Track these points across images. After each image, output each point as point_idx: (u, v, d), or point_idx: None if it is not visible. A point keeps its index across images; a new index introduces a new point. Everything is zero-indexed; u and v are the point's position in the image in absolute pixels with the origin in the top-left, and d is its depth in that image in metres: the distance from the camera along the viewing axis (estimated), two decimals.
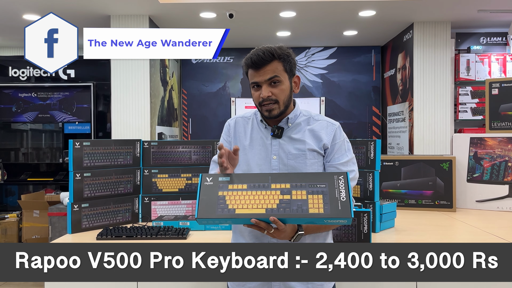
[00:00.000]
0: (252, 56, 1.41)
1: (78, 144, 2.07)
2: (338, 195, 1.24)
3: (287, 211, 1.23)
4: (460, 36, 4.86)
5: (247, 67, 1.45)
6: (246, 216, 1.23)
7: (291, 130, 1.49)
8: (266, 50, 1.40)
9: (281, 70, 1.42)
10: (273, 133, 1.47)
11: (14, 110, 5.10)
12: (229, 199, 1.26)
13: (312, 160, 1.45)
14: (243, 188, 1.28)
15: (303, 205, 1.23)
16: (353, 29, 5.13)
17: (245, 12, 4.36)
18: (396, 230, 2.07)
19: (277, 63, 1.42)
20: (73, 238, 1.96)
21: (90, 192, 2.09)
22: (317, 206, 1.23)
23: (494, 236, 1.95)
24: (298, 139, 1.47)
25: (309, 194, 1.25)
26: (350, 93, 5.98)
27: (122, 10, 4.34)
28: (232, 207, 1.24)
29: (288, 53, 1.45)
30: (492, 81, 2.78)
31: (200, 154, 2.33)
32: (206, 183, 1.30)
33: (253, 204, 1.24)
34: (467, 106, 4.73)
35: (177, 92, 5.90)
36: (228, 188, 1.28)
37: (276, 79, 1.42)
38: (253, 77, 1.44)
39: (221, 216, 1.23)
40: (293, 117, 1.50)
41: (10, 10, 4.28)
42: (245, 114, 1.59)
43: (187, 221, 2.08)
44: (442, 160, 2.60)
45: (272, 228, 1.25)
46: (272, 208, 1.23)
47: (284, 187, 1.27)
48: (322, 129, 1.49)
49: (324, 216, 1.22)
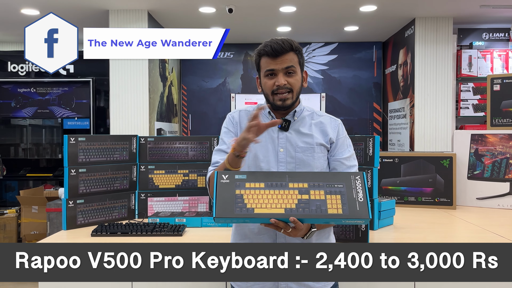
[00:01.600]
0: (272, 44, 1.42)
1: (73, 139, 2.04)
2: (355, 196, 1.26)
3: (306, 211, 1.23)
4: (462, 31, 4.81)
5: (262, 55, 1.46)
6: (265, 216, 1.23)
7: (298, 123, 1.51)
8: (285, 40, 1.43)
9: (296, 62, 1.46)
10: (280, 125, 1.48)
11: (13, 105, 5.08)
12: (247, 197, 1.25)
13: (320, 154, 1.48)
14: (261, 186, 1.27)
15: (322, 205, 1.24)
16: (354, 24, 5.08)
17: (245, 7, 4.32)
18: (395, 228, 2.04)
19: (293, 55, 1.45)
20: (68, 234, 1.94)
21: (85, 188, 2.07)
22: (336, 207, 1.24)
23: (494, 234, 1.92)
24: (306, 133, 1.49)
25: (327, 194, 1.26)
26: (351, 89, 5.94)
27: (120, 5, 4.31)
28: (251, 206, 1.24)
29: (301, 48, 1.50)
30: (494, 77, 2.74)
31: (198, 150, 2.30)
32: (222, 181, 1.28)
33: (272, 204, 1.24)
34: (469, 103, 4.69)
35: (177, 88, 5.87)
36: (245, 186, 1.27)
37: (292, 69, 1.44)
38: (268, 64, 1.44)
39: (239, 215, 1.22)
40: (299, 111, 1.52)
41: (8, 5, 4.25)
42: (247, 108, 1.58)
43: (183, 217, 2.06)
44: (443, 157, 2.57)
45: (289, 227, 1.26)
46: (291, 208, 1.24)
47: (302, 187, 1.27)
48: (327, 124, 1.53)
49: (343, 216, 1.23)
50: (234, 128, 1.54)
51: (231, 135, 1.53)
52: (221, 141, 1.55)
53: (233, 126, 1.54)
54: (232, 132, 1.54)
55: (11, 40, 5.89)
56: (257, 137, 1.34)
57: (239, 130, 1.53)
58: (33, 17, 4.66)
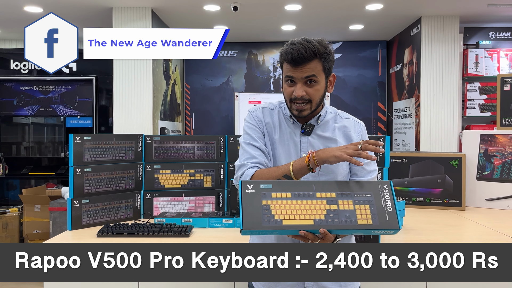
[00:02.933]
0: (293, 52, 1.32)
1: (79, 138, 2.01)
2: (384, 205, 1.24)
3: (336, 222, 1.21)
4: (469, 30, 4.76)
5: (284, 60, 1.38)
6: (294, 228, 1.19)
7: (321, 127, 1.45)
8: (309, 48, 1.32)
9: (320, 70, 1.36)
10: (304, 130, 1.42)
11: (16, 103, 5.05)
12: (274, 208, 1.21)
13: None
14: (288, 197, 1.23)
15: (351, 215, 1.22)
16: (359, 23, 5.04)
17: (250, 5, 4.28)
18: (405, 229, 2.01)
19: (317, 63, 1.35)
20: (73, 234, 1.91)
21: (90, 187, 2.04)
22: (365, 217, 1.22)
23: (504, 235, 1.89)
24: (329, 138, 1.44)
25: (356, 204, 1.24)
26: (355, 89, 5.90)
27: (124, 3, 4.27)
28: (279, 217, 1.20)
29: (330, 51, 1.38)
30: (504, 76, 2.70)
31: (204, 149, 2.27)
32: (247, 191, 1.24)
33: (300, 215, 1.21)
34: (475, 102, 4.65)
35: (180, 87, 5.84)
36: (271, 196, 1.23)
37: (313, 79, 1.35)
38: (288, 71, 1.37)
39: (267, 227, 1.19)
40: (323, 115, 1.46)
41: (11, 2, 4.22)
42: (269, 106, 1.51)
43: (190, 218, 2.03)
44: (452, 158, 2.54)
45: (318, 239, 1.22)
46: (321, 219, 1.21)
47: (330, 197, 1.24)
48: (351, 128, 1.47)
49: (373, 227, 1.21)
50: (260, 125, 1.46)
51: (258, 131, 1.45)
52: (249, 136, 1.45)
53: (256, 122, 1.47)
54: (258, 129, 1.45)
55: (14, 37, 5.87)
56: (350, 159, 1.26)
57: (264, 127, 1.46)
58: (36, 14, 4.63)
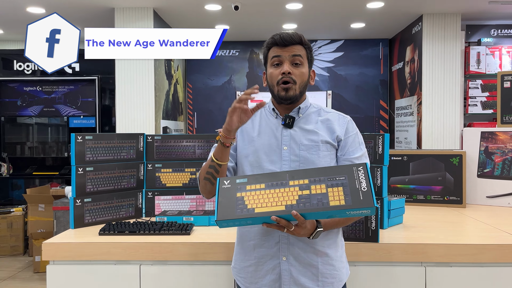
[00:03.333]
0: (282, 34, 1.41)
1: (81, 138, 2.03)
2: (359, 186, 1.22)
3: (307, 205, 1.21)
4: (471, 28, 4.75)
5: (271, 45, 1.44)
6: (265, 214, 1.21)
7: (303, 120, 1.46)
8: (295, 33, 1.42)
9: (304, 55, 1.43)
10: (284, 122, 1.44)
11: (19, 104, 5.10)
12: (248, 199, 1.25)
13: (325, 152, 1.42)
14: (261, 187, 1.26)
15: (323, 198, 1.21)
16: (360, 21, 5.04)
17: (251, 4, 4.29)
18: (405, 227, 2.02)
19: (302, 48, 1.43)
20: (75, 233, 1.93)
21: (92, 186, 2.06)
22: (338, 198, 1.20)
23: (505, 233, 1.89)
24: (311, 130, 1.44)
25: (328, 188, 1.23)
26: (357, 87, 5.90)
27: (126, 3, 4.29)
28: (251, 206, 1.23)
29: (311, 46, 1.48)
30: (504, 73, 2.70)
31: (205, 148, 2.29)
32: (224, 186, 1.28)
33: (272, 202, 1.23)
34: (477, 100, 4.64)
35: (182, 86, 5.86)
36: (246, 189, 1.27)
37: (299, 60, 1.42)
38: (275, 52, 1.42)
39: (240, 216, 1.22)
40: (304, 108, 1.48)
41: (14, 3, 4.25)
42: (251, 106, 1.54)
43: (191, 216, 2.04)
44: (452, 155, 2.54)
45: (292, 225, 1.23)
46: (292, 204, 1.22)
47: (303, 183, 1.25)
48: (334, 121, 1.47)
49: (346, 207, 1.19)
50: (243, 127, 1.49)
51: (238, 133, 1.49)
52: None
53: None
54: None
55: (17, 38, 5.90)
56: (243, 124, 1.33)
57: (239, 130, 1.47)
58: (38, 15, 4.66)
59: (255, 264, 1.43)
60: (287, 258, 1.40)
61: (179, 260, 1.76)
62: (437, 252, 1.71)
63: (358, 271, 1.72)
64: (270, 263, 1.41)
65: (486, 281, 1.71)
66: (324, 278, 1.41)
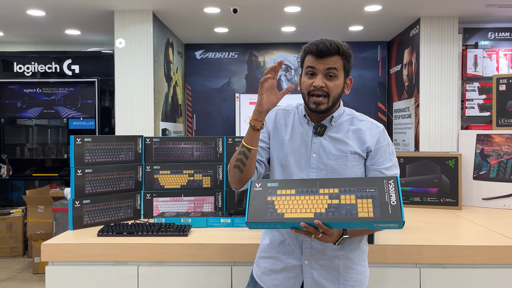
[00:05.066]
0: (319, 44, 1.37)
1: (80, 140, 2.05)
2: (388, 199, 1.23)
3: (336, 215, 1.23)
4: (468, 31, 4.79)
5: (307, 53, 1.41)
6: (294, 220, 1.24)
7: (334, 129, 1.45)
8: (333, 42, 1.38)
9: (340, 67, 1.39)
10: (315, 130, 1.44)
11: (19, 105, 5.11)
12: (278, 203, 1.27)
13: (353, 163, 1.42)
14: (291, 193, 1.29)
15: (352, 209, 1.23)
16: (358, 24, 5.07)
17: (249, 7, 4.32)
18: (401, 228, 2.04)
19: (338, 59, 1.39)
20: (74, 234, 1.95)
21: (91, 188, 2.08)
22: (367, 210, 1.22)
23: (500, 234, 1.91)
24: (341, 140, 1.43)
25: (358, 199, 1.25)
26: (355, 89, 5.93)
27: (126, 5, 4.32)
28: (281, 211, 1.26)
29: (351, 53, 1.42)
30: (500, 77, 2.73)
31: (203, 150, 2.31)
32: (255, 189, 1.32)
33: (302, 209, 1.26)
34: (474, 102, 4.67)
35: (182, 88, 5.89)
36: (276, 193, 1.30)
37: (334, 73, 1.38)
38: (311, 62, 1.39)
39: (270, 220, 1.25)
40: (337, 116, 1.46)
41: (14, 6, 4.28)
42: (286, 107, 1.54)
43: (188, 218, 2.07)
44: (448, 157, 2.57)
45: (320, 232, 1.25)
46: (321, 213, 1.24)
47: (333, 192, 1.27)
48: (366, 131, 1.45)
49: (374, 220, 1.21)
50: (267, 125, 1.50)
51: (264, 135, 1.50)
52: None
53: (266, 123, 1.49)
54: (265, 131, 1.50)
55: (17, 41, 5.93)
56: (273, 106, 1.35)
57: (272, 129, 1.49)
58: (38, 18, 4.69)
59: (275, 258, 1.46)
60: (309, 262, 1.42)
61: (177, 261, 1.78)
62: (432, 254, 1.73)
63: None
64: (291, 262, 1.44)
65: (480, 282, 1.73)
66: (346, 282, 1.43)
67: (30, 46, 6.03)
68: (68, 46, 6.03)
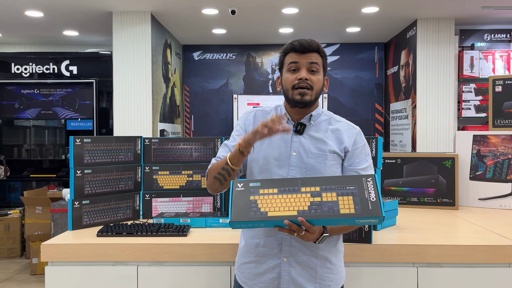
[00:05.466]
0: (301, 40, 1.44)
1: (79, 140, 2.06)
2: (367, 196, 1.27)
3: (319, 212, 1.26)
4: (464, 32, 4.82)
5: (288, 52, 1.46)
6: (278, 218, 1.26)
7: (313, 128, 1.48)
8: (314, 42, 1.45)
9: (320, 63, 1.46)
10: (295, 128, 1.47)
11: (17, 106, 5.11)
12: (261, 202, 1.29)
13: (332, 162, 1.45)
14: (274, 192, 1.31)
15: (334, 206, 1.26)
16: (356, 25, 5.10)
17: (247, 8, 4.34)
18: (398, 228, 2.06)
19: (318, 56, 1.46)
20: (73, 234, 1.96)
21: (91, 189, 2.09)
22: (348, 207, 1.26)
23: (496, 234, 1.93)
24: (320, 139, 1.46)
25: (339, 196, 1.28)
26: (353, 90, 5.95)
27: (124, 7, 4.33)
28: (264, 210, 1.28)
29: (326, 54, 1.50)
30: (496, 78, 2.76)
31: (201, 151, 2.32)
32: (237, 189, 1.33)
33: (285, 207, 1.28)
34: (471, 104, 4.70)
35: (180, 89, 5.90)
36: (259, 192, 1.32)
37: (316, 67, 1.45)
38: (293, 58, 1.44)
39: (254, 218, 1.26)
40: (316, 115, 1.50)
41: (12, 7, 4.28)
42: (264, 108, 1.57)
43: (187, 218, 2.08)
44: (445, 158, 2.59)
45: (303, 230, 1.27)
46: (304, 210, 1.26)
47: (314, 190, 1.30)
48: (344, 131, 1.49)
49: (355, 216, 1.24)
50: (246, 127, 1.54)
51: (242, 133, 1.54)
52: (231, 137, 1.56)
53: (245, 125, 1.55)
54: (243, 130, 1.54)
55: (15, 41, 5.93)
56: (265, 138, 1.36)
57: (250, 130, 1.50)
58: (37, 19, 4.70)
59: (255, 262, 1.47)
60: (288, 259, 1.44)
61: (176, 261, 1.79)
62: (429, 253, 1.74)
63: (351, 272, 1.76)
64: (271, 262, 1.45)
65: (477, 282, 1.75)
66: (322, 281, 1.45)
67: (28, 47, 6.03)
68: (66, 47, 6.03)
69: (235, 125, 1.59)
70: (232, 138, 1.55)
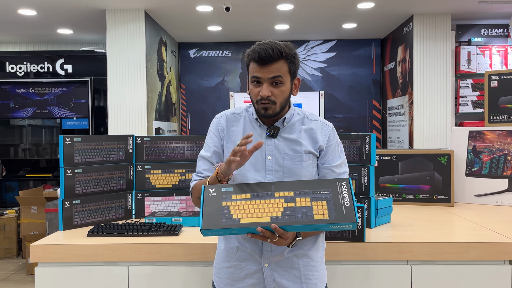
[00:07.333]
0: (260, 51, 1.33)
1: (69, 140, 2.04)
2: (342, 201, 1.25)
3: (292, 218, 1.23)
4: (461, 28, 4.79)
5: (251, 60, 1.37)
6: (251, 225, 1.23)
7: (287, 130, 1.46)
8: (275, 47, 1.33)
9: (285, 71, 1.37)
10: (269, 133, 1.44)
11: (12, 106, 5.08)
12: (233, 209, 1.26)
13: (308, 162, 1.43)
14: (247, 197, 1.28)
15: (308, 211, 1.24)
16: (352, 21, 5.07)
17: (242, 5, 4.31)
18: (392, 226, 2.04)
19: (283, 63, 1.36)
20: (64, 235, 1.94)
21: (81, 188, 2.07)
22: (322, 212, 1.23)
23: (492, 231, 1.91)
24: (294, 140, 1.44)
25: (313, 201, 1.26)
26: (350, 87, 5.93)
27: (117, 4, 4.30)
28: (237, 216, 1.24)
29: (295, 54, 1.39)
30: (492, 73, 2.73)
31: (194, 149, 2.29)
32: (209, 194, 1.29)
33: (258, 213, 1.25)
34: (468, 99, 4.68)
35: (175, 87, 5.87)
36: (231, 198, 1.28)
37: (279, 80, 1.36)
38: (255, 71, 1.37)
39: (225, 226, 1.23)
40: (289, 117, 1.47)
41: (5, 5, 4.25)
42: (235, 110, 1.53)
43: (180, 217, 2.05)
44: (440, 154, 2.57)
45: (276, 236, 1.25)
46: (277, 216, 1.24)
47: (288, 195, 1.27)
48: (317, 130, 1.47)
49: (330, 222, 1.22)
50: (220, 133, 1.51)
51: (216, 140, 1.51)
52: (206, 146, 1.52)
53: (218, 131, 1.51)
54: (216, 137, 1.51)
55: (9, 40, 5.89)
56: (241, 165, 1.31)
57: (225, 136, 1.49)
58: (30, 17, 4.66)
59: (235, 266, 1.44)
60: (269, 264, 1.41)
61: (167, 261, 1.77)
62: (423, 251, 1.72)
63: (344, 270, 1.74)
64: (251, 267, 1.42)
65: (471, 279, 1.73)
66: (308, 280, 1.43)
67: (22, 46, 6.00)
68: (61, 45, 6.00)
69: (208, 131, 1.54)
70: (207, 146, 1.52)
